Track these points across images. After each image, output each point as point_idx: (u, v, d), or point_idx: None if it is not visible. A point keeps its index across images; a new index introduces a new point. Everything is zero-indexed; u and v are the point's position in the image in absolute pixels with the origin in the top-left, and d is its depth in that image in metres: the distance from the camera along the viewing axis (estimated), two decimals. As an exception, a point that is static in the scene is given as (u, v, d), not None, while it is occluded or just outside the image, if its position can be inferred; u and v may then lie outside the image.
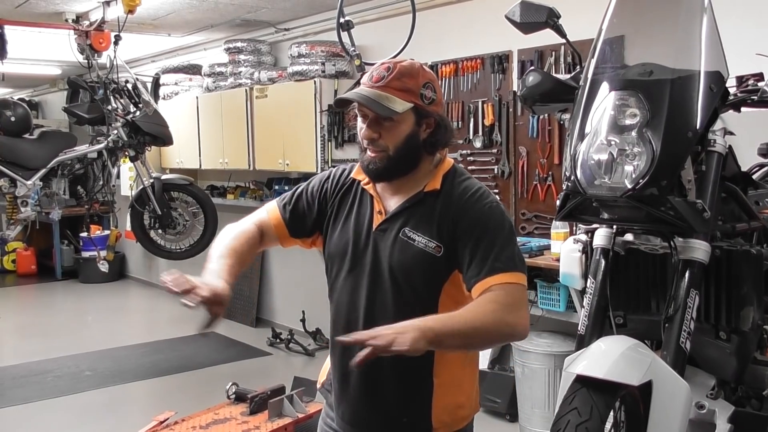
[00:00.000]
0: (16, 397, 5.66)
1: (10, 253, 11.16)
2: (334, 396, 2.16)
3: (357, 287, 2.07)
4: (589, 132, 2.03)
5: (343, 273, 2.11)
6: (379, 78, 1.99)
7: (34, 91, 12.56)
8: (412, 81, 2.00)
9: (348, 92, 2.04)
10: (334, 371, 2.16)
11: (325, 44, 6.29)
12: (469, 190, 2.04)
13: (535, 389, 4.49)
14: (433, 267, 2.00)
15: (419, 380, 2.06)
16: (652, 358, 1.78)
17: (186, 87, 8.13)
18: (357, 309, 2.07)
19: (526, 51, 5.00)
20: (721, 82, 2.02)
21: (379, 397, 2.07)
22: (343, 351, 2.08)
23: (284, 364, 6.42)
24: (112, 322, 8.38)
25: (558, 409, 1.75)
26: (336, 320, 2.15)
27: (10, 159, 6.00)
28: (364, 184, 2.14)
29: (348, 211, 2.14)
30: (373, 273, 2.04)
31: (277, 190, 7.05)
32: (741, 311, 2.10)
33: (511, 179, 5.18)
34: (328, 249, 2.17)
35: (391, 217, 2.06)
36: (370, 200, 2.12)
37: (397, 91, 1.98)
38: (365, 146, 2.04)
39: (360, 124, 2.05)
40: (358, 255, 2.08)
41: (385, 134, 2.00)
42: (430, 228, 2.01)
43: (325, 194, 2.20)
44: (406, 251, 2.01)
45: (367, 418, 2.10)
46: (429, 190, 2.06)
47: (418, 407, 2.07)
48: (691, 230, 1.96)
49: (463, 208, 2.01)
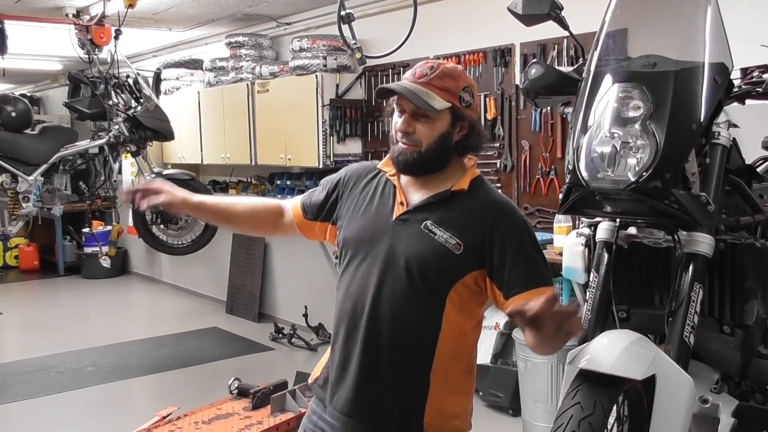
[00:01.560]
0: (20, 392, 5.66)
1: (12, 248, 11.16)
2: (331, 385, 2.17)
3: (369, 274, 2.10)
4: (592, 125, 2.02)
5: (357, 259, 2.14)
6: (422, 75, 2.05)
7: (35, 87, 12.56)
8: (453, 82, 2.06)
9: (384, 85, 2.11)
10: (335, 358, 2.17)
11: (327, 38, 6.27)
12: (503, 201, 2.13)
13: (537, 384, 4.48)
14: (450, 263, 2.03)
15: (416, 376, 2.07)
16: (656, 353, 1.77)
17: (187, 82, 8.12)
18: (365, 294, 2.09)
19: (528, 44, 4.98)
20: (726, 74, 2.00)
21: (376, 386, 2.08)
22: (347, 336, 2.12)
23: (287, 359, 6.42)
24: (114, 318, 8.39)
25: (561, 403, 1.74)
26: (342, 305, 2.16)
27: (11, 155, 6.01)
28: (389, 175, 2.19)
29: (369, 199, 2.19)
30: (387, 261, 2.07)
31: (279, 185, 7.04)
32: (745, 305, 2.09)
33: (514, 173, 5.17)
34: (344, 234, 2.20)
35: (414, 210, 2.10)
36: (393, 191, 2.16)
37: (438, 89, 2.04)
38: (398, 139, 2.09)
39: (396, 118, 2.11)
40: (374, 242, 2.11)
41: (420, 130, 2.06)
42: (454, 226, 2.05)
43: (345, 182, 2.28)
44: (425, 243, 2.04)
45: (360, 408, 2.10)
46: (456, 190, 2.10)
47: (411, 403, 2.08)
48: (695, 223, 1.95)
49: (499, 218, 2.05)
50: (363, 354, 2.07)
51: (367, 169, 2.28)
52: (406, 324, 2.05)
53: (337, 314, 2.18)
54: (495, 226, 2.03)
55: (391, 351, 2.06)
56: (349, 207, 2.22)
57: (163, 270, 9.95)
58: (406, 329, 2.05)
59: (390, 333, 2.05)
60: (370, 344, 2.07)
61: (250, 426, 4.11)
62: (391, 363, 2.06)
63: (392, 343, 2.05)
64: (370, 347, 2.07)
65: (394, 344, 2.05)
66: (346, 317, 2.13)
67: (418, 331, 2.06)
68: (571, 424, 1.64)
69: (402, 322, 2.04)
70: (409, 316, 2.04)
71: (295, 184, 6.87)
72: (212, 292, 8.62)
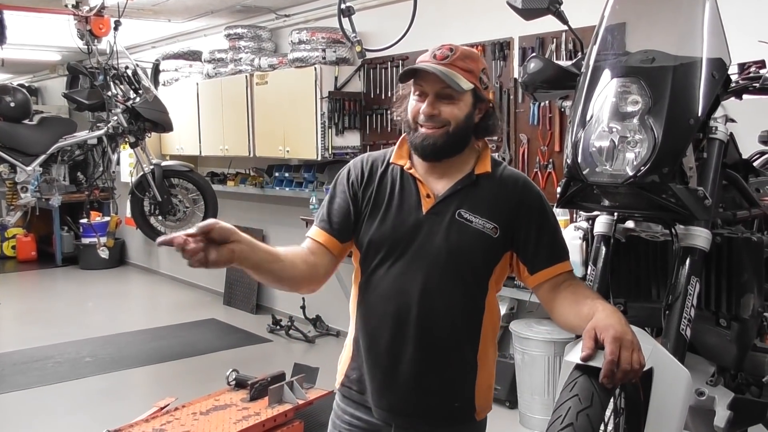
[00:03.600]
0: (17, 383, 5.68)
1: (10, 239, 11.18)
2: (376, 388, 2.11)
3: (407, 272, 2.05)
4: (590, 119, 2.02)
5: (390, 260, 2.07)
6: (443, 57, 2.03)
7: (33, 77, 12.55)
8: (474, 64, 2.07)
9: (410, 66, 2.06)
10: (378, 360, 2.10)
11: (326, 30, 6.27)
12: (520, 176, 2.15)
13: (534, 376, 4.50)
14: (492, 248, 2.05)
15: (468, 364, 2.10)
16: (653, 345, 1.78)
17: (186, 73, 8.12)
18: (408, 294, 2.04)
19: (527, 38, 4.98)
20: (723, 69, 2.01)
21: (435, 381, 2.07)
22: (393, 337, 2.06)
23: (284, 351, 6.44)
24: (112, 309, 8.40)
25: (559, 396, 1.75)
26: (380, 308, 2.09)
27: (9, 145, 6.00)
28: (407, 169, 2.13)
29: (389, 196, 2.11)
30: (427, 257, 2.03)
31: (277, 177, 7.05)
32: (741, 298, 2.10)
33: (512, 166, 5.16)
34: (368, 237, 2.10)
35: (444, 200, 2.07)
36: (415, 184, 2.10)
37: (462, 70, 2.03)
38: (421, 123, 2.04)
39: (414, 102, 2.06)
40: (406, 240, 2.05)
41: (445, 111, 2.03)
42: (487, 209, 2.05)
43: (355, 187, 2.14)
44: (464, 233, 2.03)
45: (423, 406, 2.09)
46: (481, 173, 2.10)
47: (467, 391, 2.11)
48: (692, 217, 1.95)
49: (522, 193, 2.09)
50: (417, 353, 2.05)
51: (376, 163, 2.17)
52: (457, 316, 2.05)
53: (372, 318, 2.11)
54: (521, 203, 2.07)
55: (446, 345, 2.06)
56: (369, 206, 2.12)
57: (160, 261, 9.96)
58: (458, 321, 2.06)
59: (442, 328, 2.04)
60: (423, 343, 2.04)
61: (248, 417, 4.13)
62: (447, 356, 2.06)
63: (446, 337, 2.05)
64: (423, 345, 2.05)
65: (448, 338, 2.06)
66: (389, 320, 2.06)
67: (468, 320, 2.08)
68: (569, 417, 1.65)
69: (453, 315, 2.05)
70: (460, 307, 2.05)
71: (293, 176, 6.88)
72: (210, 283, 8.64)
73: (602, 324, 1.72)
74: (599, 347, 1.69)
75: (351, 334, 2.22)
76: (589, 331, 1.72)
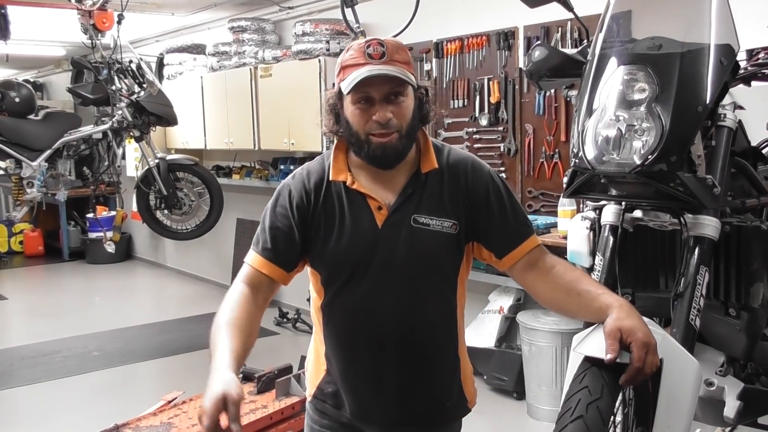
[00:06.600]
0: (25, 377, 5.69)
1: (17, 234, 11.20)
2: (360, 403, 2.05)
3: (373, 290, 1.96)
4: (597, 108, 2.00)
5: (353, 280, 1.97)
6: (380, 54, 1.88)
7: (38, 72, 12.55)
8: (405, 54, 1.94)
9: (357, 75, 1.87)
10: (361, 387, 2.04)
11: (330, 22, 6.25)
12: (468, 159, 2.04)
13: (542, 367, 4.49)
14: (455, 245, 1.99)
15: (452, 361, 2.08)
16: (662, 336, 1.77)
17: (190, 67, 8.10)
18: (380, 313, 1.97)
19: (532, 27, 4.95)
20: (732, 56, 1.98)
21: (423, 387, 2.04)
22: (373, 355, 2.00)
23: (291, 344, 6.44)
24: (119, 303, 8.41)
25: (568, 387, 1.73)
26: (352, 327, 2.01)
27: (15, 140, 6.00)
28: (350, 185, 1.98)
29: (339, 216, 1.97)
30: (392, 271, 1.95)
31: (282, 170, 7.03)
32: (751, 288, 2.08)
33: (518, 157, 5.15)
34: (327, 260, 1.99)
35: (397, 209, 1.96)
36: (362, 198, 1.98)
37: (402, 63, 1.91)
38: (373, 132, 1.90)
39: (358, 112, 1.91)
40: (367, 258, 1.95)
41: (395, 113, 1.90)
42: (442, 208, 1.97)
43: (302, 211, 1.99)
44: (425, 238, 1.95)
45: (417, 412, 2.06)
46: (428, 170, 2.00)
47: (455, 387, 2.09)
48: (701, 206, 1.94)
49: (473, 179, 2.00)
50: (401, 368, 2.00)
51: (318, 182, 2.02)
52: (434, 322, 2.02)
53: (345, 340, 2.03)
54: (474, 191, 1.98)
55: (429, 353, 2.02)
56: (321, 230, 1.98)
57: (167, 255, 9.97)
58: (436, 326, 2.03)
59: (422, 338, 2.00)
60: (406, 358, 1.99)
61: (255, 410, 4.12)
62: (431, 363, 2.03)
63: (428, 346, 2.02)
64: (407, 360, 2.00)
65: (430, 346, 2.02)
66: (365, 342, 2.00)
67: (445, 322, 2.05)
68: (579, 408, 1.63)
69: (430, 322, 2.01)
70: (435, 313, 2.01)
71: (298, 168, 6.86)
72: (216, 276, 8.64)
73: (627, 326, 1.67)
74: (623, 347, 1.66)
75: (320, 345, 2.11)
76: (615, 332, 1.66)
